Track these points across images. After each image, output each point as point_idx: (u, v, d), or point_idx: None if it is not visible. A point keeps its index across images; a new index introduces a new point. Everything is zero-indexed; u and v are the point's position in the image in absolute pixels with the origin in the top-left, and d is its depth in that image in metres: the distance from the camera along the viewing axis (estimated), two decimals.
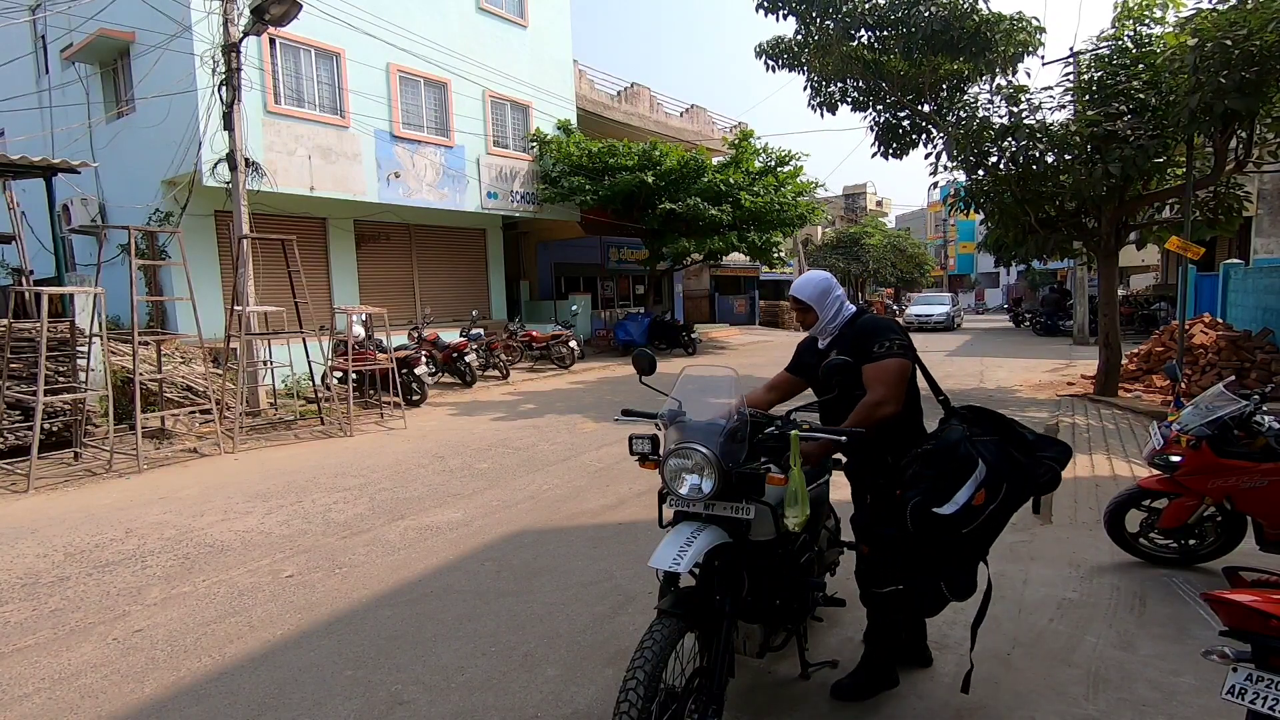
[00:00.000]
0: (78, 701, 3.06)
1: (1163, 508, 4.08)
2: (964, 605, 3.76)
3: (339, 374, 10.07)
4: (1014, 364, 15.25)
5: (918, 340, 3.18)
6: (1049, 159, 9.42)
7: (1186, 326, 8.97)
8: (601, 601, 3.90)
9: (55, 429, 7.65)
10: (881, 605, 2.78)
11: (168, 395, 8.88)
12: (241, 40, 9.34)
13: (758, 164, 18.29)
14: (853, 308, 2.89)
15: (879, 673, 2.92)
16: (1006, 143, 9.37)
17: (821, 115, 11.41)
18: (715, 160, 18.81)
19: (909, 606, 2.74)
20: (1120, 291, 15.65)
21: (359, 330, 10.77)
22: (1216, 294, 12.95)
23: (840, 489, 3.43)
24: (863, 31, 10.12)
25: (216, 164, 10.23)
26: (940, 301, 30.01)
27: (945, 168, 10.47)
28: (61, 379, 7.65)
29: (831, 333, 2.86)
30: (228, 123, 9.47)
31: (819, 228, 38.89)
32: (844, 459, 3.00)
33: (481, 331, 14.06)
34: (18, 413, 7.46)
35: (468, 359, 12.63)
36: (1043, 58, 10.30)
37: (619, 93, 20.87)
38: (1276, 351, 9.32)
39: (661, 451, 2.62)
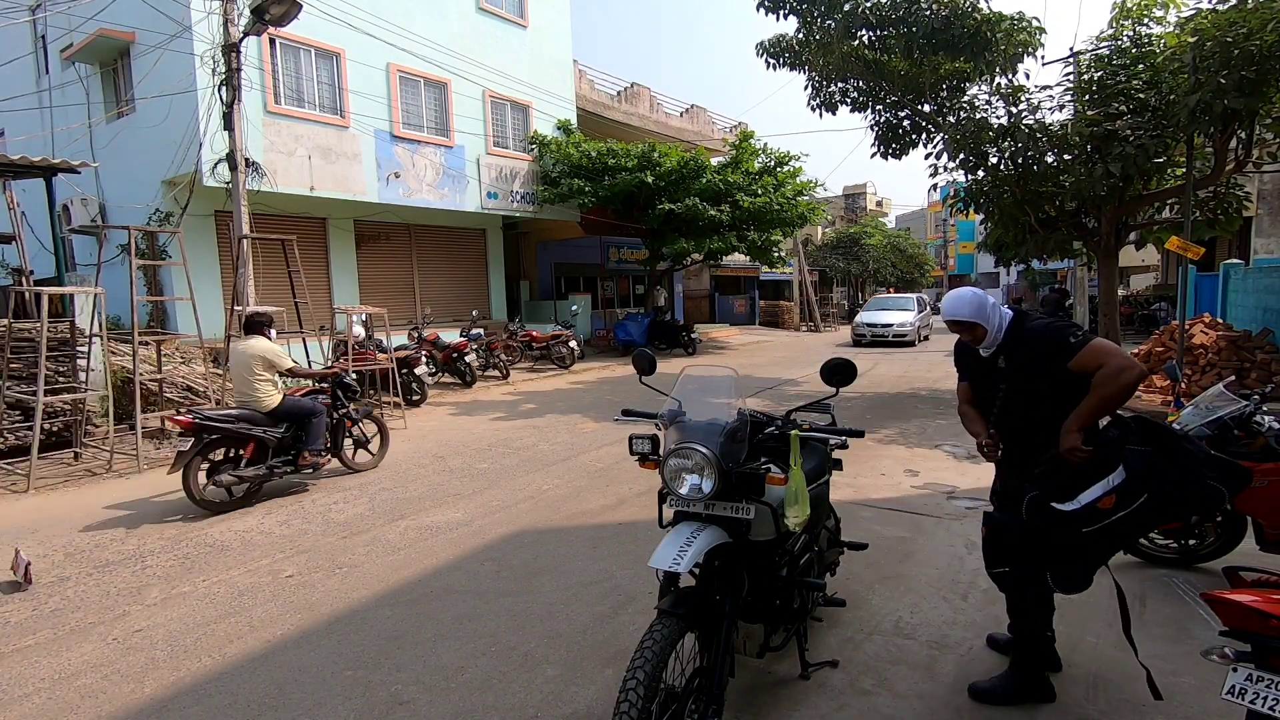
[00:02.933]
0: (78, 701, 3.06)
1: None
2: (966, 607, 3.76)
3: None
4: None
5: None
6: (1049, 159, 9.42)
7: (1186, 326, 8.97)
8: (601, 601, 3.90)
9: (55, 429, 7.65)
10: (999, 584, 2.86)
11: (168, 395, 8.87)
12: (241, 40, 9.33)
13: (757, 164, 18.30)
14: (1009, 312, 2.86)
15: (1027, 679, 2.83)
16: (1006, 143, 9.37)
17: (821, 115, 11.41)
18: (715, 160, 18.81)
19: (1013, 590, 2.81)
20: (1120, 291, 15.64)
21: (359, 330, 10.76)
22: (1216, 294, 12.94)
23: (840, 489, 3.43)
24: (863, 30, 10.12)
25: (216, 164, 10.23)
26: (901, 305, 22.01)
27: (945, 168, 10.47)
28: (61, 379, 7.65)
29: (995, 343, 2.83)
30: (228, 123, 9.46)
31: (819, 228, 38.87)
32: (841, 462, 3.01)
33: (481, 331, 14.05)
34: (18, 413, 7.46)
35: (468, 359, 12.62)
36: (1043, 58, 10.29)
37: (619, 93, 20.87)
38: (1276, 351, 9.31)
39: (661, 451, 2.62)
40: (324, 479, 6.64)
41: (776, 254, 19.42)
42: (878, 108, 11.18)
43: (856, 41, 10.34)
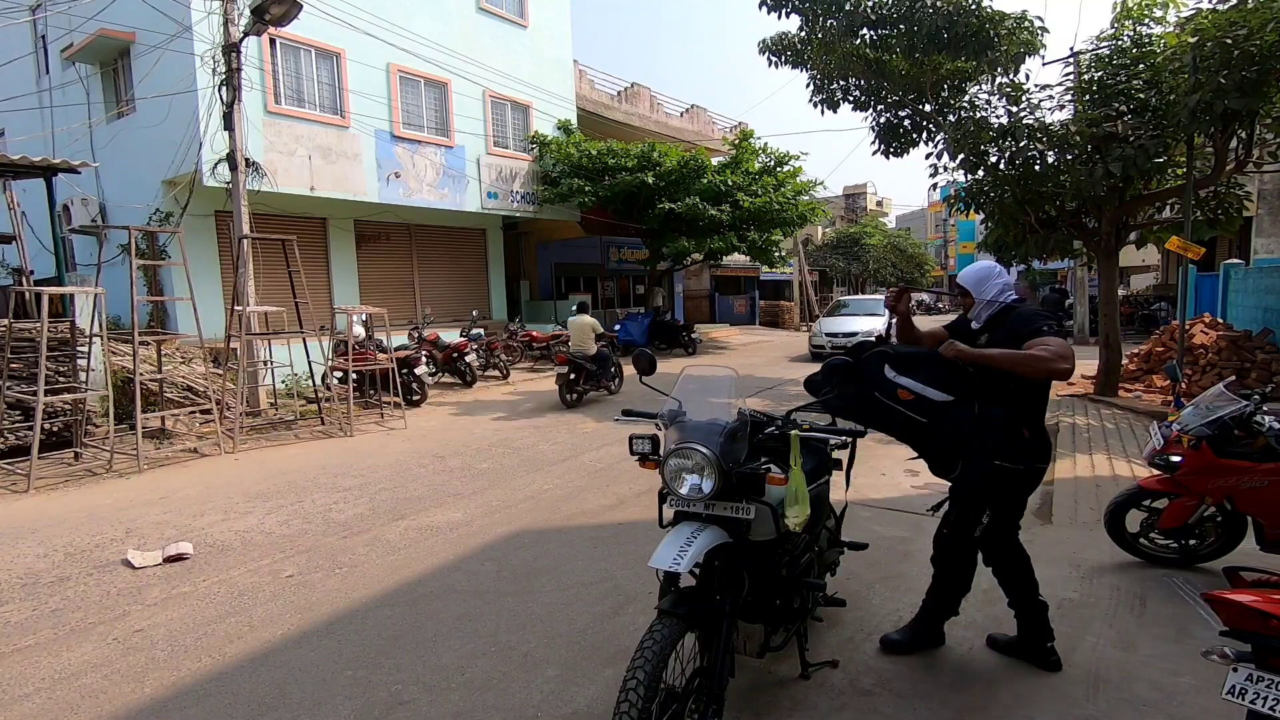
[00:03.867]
0: (78, 701, 3.06)
1: (1163, 508, 4.08)
2: (966, 607, 3.77)
3: (339, 374, 10.07)
4: None
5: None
6: (1049, 159, 9.41)
7: (1186, 326, 8.97)
8: (601, 601, 3.90)
9: (55, 429, 7.65)
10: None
11: (168, 395, 8.88)
12: (242, 40, 9.34)
13: (757, 164, 18.30)
14: (1015, 295, 3.04)
15: (928, 628, 3.22)
16: (1006, 142, 9.36)
17: (823, 113, 11.41)
18: (715, 160, 18.81)
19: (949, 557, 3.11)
20: (1120, 291, 15.63)
21: (359, 330, 10.77)
22: (1216, 294, 12.94)
23: (841, 489, 3.43)
24: (865, 29, 10.12)
25: (217, 164, 10.23)
26: (869, 309, 18.08)
27: (945, 168, 10.46)
28: (62, 379, 7.65)
29: (982, 318, 3.04)
30: (228, 123, 9.47)
31: (819, 228, 38.89)
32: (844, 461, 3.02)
33: (482, 331, 14.06)
34: (18, 413, 7.47)
35: (468, 359, 12.63)
36: (1043, 58, 10.27)
37: (619, 93, 20.88)
38: (1276, 351, 9.31)
39: (662, 451, 2.62)
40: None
41: (776, 254, 19.41)
42: (878, 107, 11.17)
43: (858, 40, 10.34)
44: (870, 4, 9.87)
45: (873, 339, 3.10)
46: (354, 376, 9.55)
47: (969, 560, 3.09)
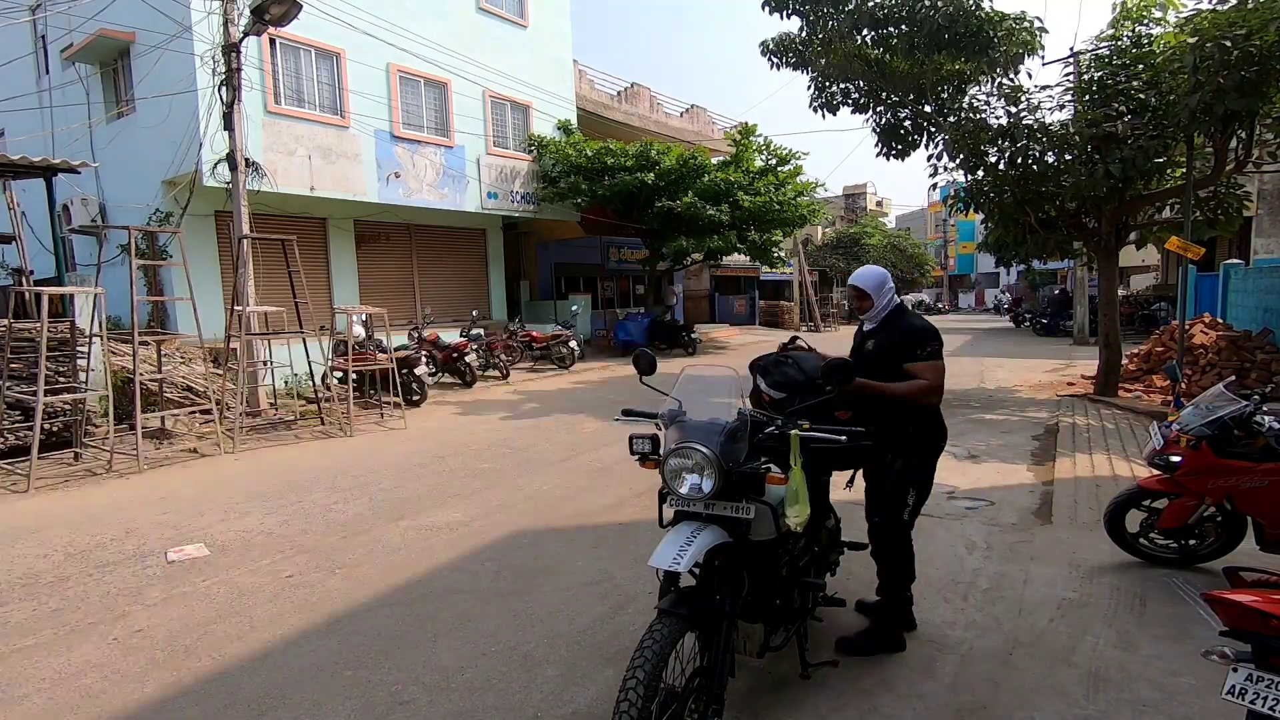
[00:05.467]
0: (78, 701, 3.06)
1: (1163, 508, 4.08)
2: (966, 607, 3.76)
3: (339, 374, 10.07)
4: (1014, 364, 15.25)
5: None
6: (1049, 159, 9.41)
7: (1186, 326, 8.97)
8: (601, 601, 3.90)
9: (55, 429, 7.64)
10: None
11: (168, 395, 8.88)
12: (242, 40, 9.34)
13: (758, 163, 18.29)
14: (899, 300, 3.30)
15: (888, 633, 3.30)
16: (1006, 143, 9.36)
17: (823, 116, 11.41)
18: (715, 160, 18.81)
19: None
20: (1120, 291, 15.63)
21: (359, 330, 10.77)
22: (1216, 294, 12.95)
23: (841, 489, 3.43)
24: (866, 30, 10.12)
25: (217, 164, 10.23)
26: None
27: (945, 168, 10.47)
28: (62, 379, 7.65)
29: (877, 319, 3.25)
30: (228, 123, 9.46)
31: (819, 228, 38.88)
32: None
33: (482, 332, 14.06)
34: (18, 413, 7.46)
35: (468, 359, 12.63)
36: (1043, 58, 10.27)
37: (619, 93, 20.87)
38: (1276, 351, 9.31)
39: (662, 451, 2.62)
40: None
41: (776, 254, 19.40)
42: (879, 108, 11.18)
43: (859, 41, 10.34)
44: (872, 3, 9.87)
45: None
46: (354, 376, 9.54)
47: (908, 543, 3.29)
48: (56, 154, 11.32)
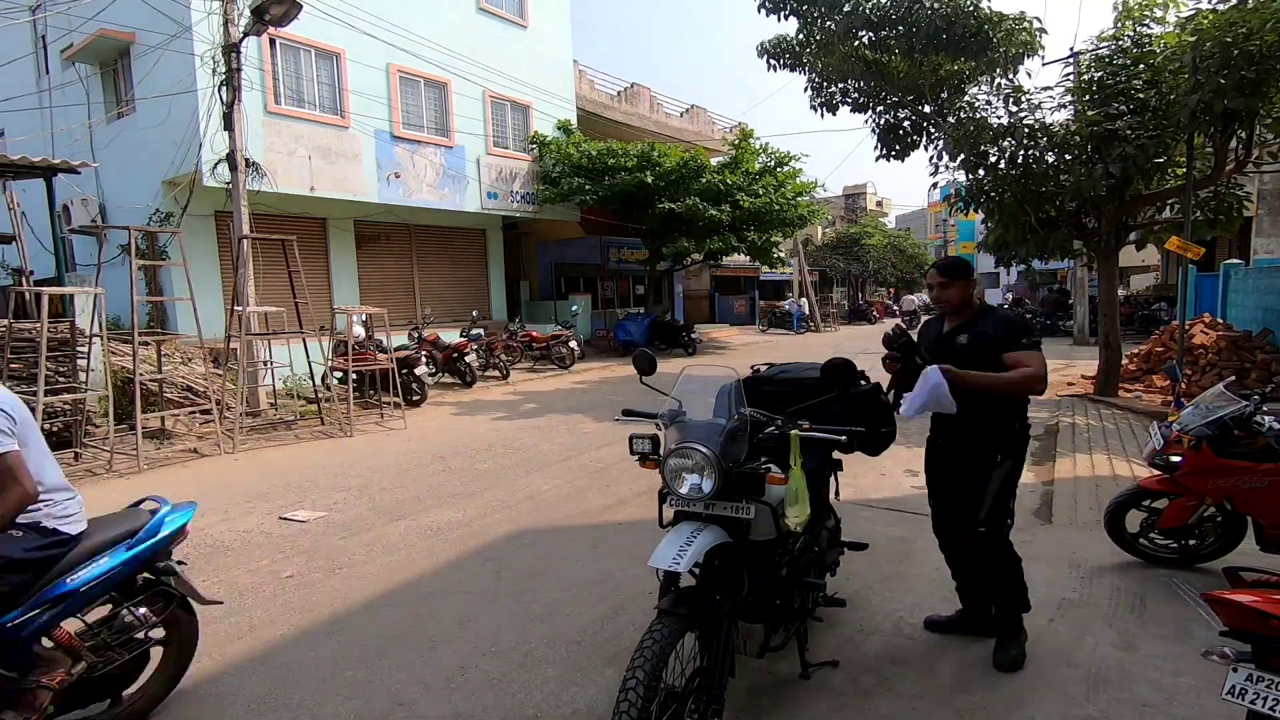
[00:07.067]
0: None
1: (1163, 508, 4.08)
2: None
3: (339, 374, 10.07)
4: None
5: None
6: (1049, 159, 9.40)
7: (1186, 326, 8.96)
8: (602, 601, 3.90)
9: (55, 429, 7.64)
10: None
11: (168, 395, 8.87)
12: (241, 40, 9.34)
13: (758, 164, 18.30)
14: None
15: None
16: (1006, 143, 9.36)
17: (822, 116, 11.39)
18: (715, 160, 18.82)
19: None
20: (1120, 291, 15.63)
21: (359, 330, 10.77)
22: (1216, 294, 12.93)
23: (840, 489, 3.43)
24: (864, 31, 10.11)
25: (217, 164, 10.23)
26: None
27: (946, 168, 10.46)
28: (62, 379, 7.65)
29: (965, 313, 3.17)
30: (228, 123, 9.47)
31: (819, 228, 38.89)
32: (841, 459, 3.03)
33: (481, 332, 14.05)
34: None
35: (468, 359, 12.63)
36: (1043, 58, 10.26)
37: (619, 93, 20.88)
38: (1276, 352, 9.31)
39: (662, 451, 2.62)
40: None
41: (776, 254, 19.41)
42: (878, 109, 11.17)
43: (856, 42, 10.33)
44: (868, 5, 9.87)
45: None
46: (354, 377, 9.54)
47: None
48: (56, 154, 11.32)
